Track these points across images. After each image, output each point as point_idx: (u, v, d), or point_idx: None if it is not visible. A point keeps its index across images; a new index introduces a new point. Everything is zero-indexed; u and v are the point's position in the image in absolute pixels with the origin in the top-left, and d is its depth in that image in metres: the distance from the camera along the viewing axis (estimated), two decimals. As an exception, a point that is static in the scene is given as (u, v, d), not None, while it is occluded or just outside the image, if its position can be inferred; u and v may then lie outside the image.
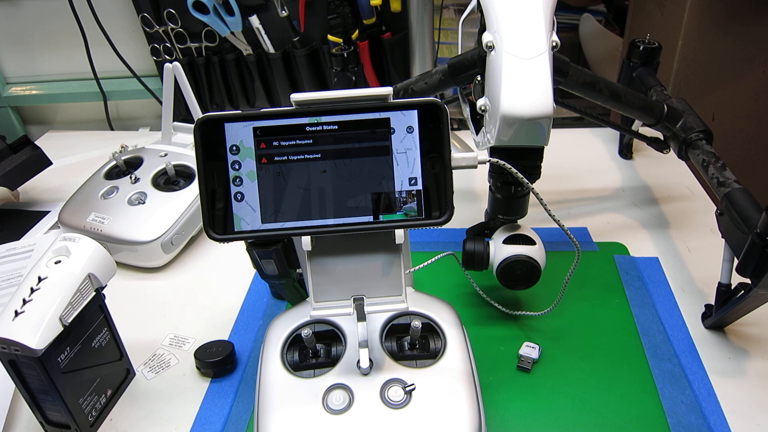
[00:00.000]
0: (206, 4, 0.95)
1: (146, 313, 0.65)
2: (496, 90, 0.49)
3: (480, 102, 0.53)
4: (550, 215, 0.50)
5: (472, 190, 0.83)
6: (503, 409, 0.52)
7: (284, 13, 0.95)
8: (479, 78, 0.56)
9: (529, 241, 0.56)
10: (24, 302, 0.45)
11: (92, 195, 0.75)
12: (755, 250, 0.47)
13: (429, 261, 0.52)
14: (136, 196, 0.73)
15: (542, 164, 0.55)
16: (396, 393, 0.44)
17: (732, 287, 0.55)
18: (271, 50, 1.00)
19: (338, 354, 0.48)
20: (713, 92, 0.96)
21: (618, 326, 0.59)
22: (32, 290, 0.46)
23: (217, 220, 0.42)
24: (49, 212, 0.84)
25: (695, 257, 0.69)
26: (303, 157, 0.42)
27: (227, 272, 0.71)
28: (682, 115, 0.68)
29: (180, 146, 0.81)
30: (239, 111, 0.42)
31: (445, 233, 0.73)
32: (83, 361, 0.49)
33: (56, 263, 0.48)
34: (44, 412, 0.50)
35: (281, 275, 0.49)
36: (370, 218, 0.43)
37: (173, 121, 0.83)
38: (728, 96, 0.97)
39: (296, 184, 0.42)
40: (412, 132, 0.42)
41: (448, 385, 0.45)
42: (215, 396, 0.55)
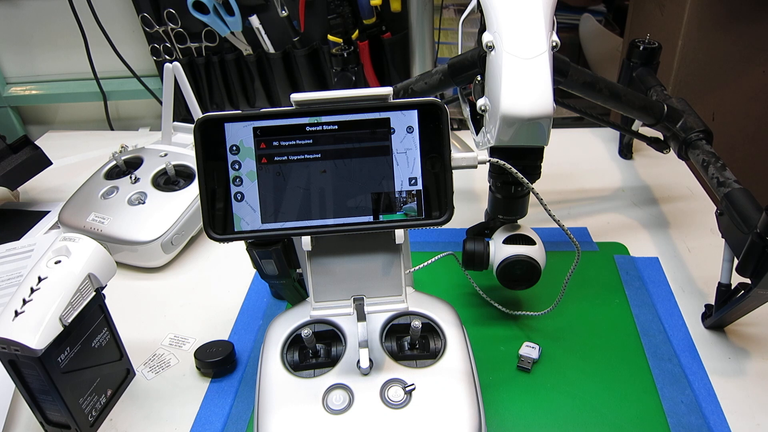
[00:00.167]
0: (206, 4, 0.95)
1: (146, 313, 0.65)
2: (496, 90, 0.49)
3: (480, 102, 0.53)
4: (550, 215, 0.50)
5: (472, 190, 0.83)
6: (503, 409, 0.52)
7: (284, 13, 0.95)
8: (479, 78, 0.56)
9: (529, 241, 0.56)
10: (24, 302, 0.45)
11: (92, 195, 0.75)
12: (755, 250, 0.47)
13: (429, 261, 0.52)
14: (136, 196, 0.73)
15: (542, 164, 0.55)
16: (396, 393, 0.44)
17: (732, 287, 0.55)
18: (271, 50, 1.00)
19: (338, 354, 0.48)
20: (713, 92, 0.96)
21: (618, 326, 0.59)
22: (32, 290, 0.46)
23: (217, 220, 0.42)
24: (49, 212, 0.84)
25: (695, 257, 0.69)
26: (303, 157, 0.42)
27: (227, 272, 0.71)
28: (682, 115, 0.68)
29: (180, 146, 0.81)
30: (239, 111, 0.42)
31: (445, 233, 0.73)
32: (83, 361, 0.49)
33: (56, 263, 0.48)
34: (44, 412, 0.50)
35: (281, 275, 0.49)
36: (370, 218, 0.43)
37: (173, 121, 0.83)
38: (728, 96, 0.96)
39: (296, 184, 0.42)
40: (412, 132, 0.42)
41: (448, 385, 0.45)
42: (215, 396, 0.55)
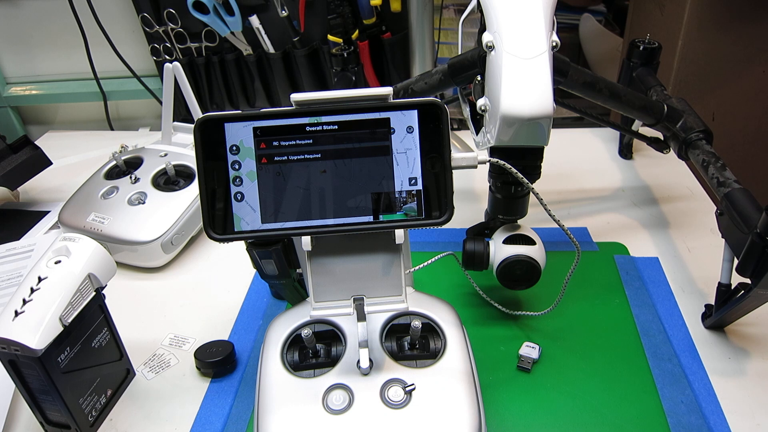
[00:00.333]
0: (206, 4, 0.95)
1: (146, 313, 0.65)
2: (496, 90, 0.49)
3: (480, 102, 0.53)
4: (550, 215, 0.50)
5: (472, 190, 0.83)
6: (503, 409, 0.52)
7: (284, 13, 0.95)
8: (479, 78, 0.56)
9: (529, 241, 0.56)
10: (24, 302, 0.45)
11: (92, 195, 0.75)
12: (755, 250, 0.47)
13: (429, 261, 0.52)
14: (136, 196, 0.73)
15: (542, 164, 0.55)
16: (396, 393, 0.44)
17: (732, 287, 0.55)
18: (271, 50, 1.00)
19: (338, 354, 0.48)
20: (713, 92, 0.96)
21: (618, 326, 0.59)
22: (32, 290, 0.46)
23: (217, 220, 0.42)
24: (49, 212, 0.84)
25: (695, 257, 0.69)
26: (303, 157, 0.42)
27: (227, 272, 0.71)
28: (682, 115, 0.68)
29: (180, 146, 0.81)
30: (239, 111, 0.42)
31: (445, 233, 0.73)
32: (83, 361, 0.49)
33: (56, 263, 0.48)
34: (44, 412, 0.50)
35: (281, 275, 0.49)
36: (370, 218, 0.43)
37: (173, 121, 0.83)
38: (728, 96, 0.97)
39: (296, 184, 0.42)
40: (412, 132, 0.42)
41: (448, 385, 0.45)
42: (215, 396, 0.55)
